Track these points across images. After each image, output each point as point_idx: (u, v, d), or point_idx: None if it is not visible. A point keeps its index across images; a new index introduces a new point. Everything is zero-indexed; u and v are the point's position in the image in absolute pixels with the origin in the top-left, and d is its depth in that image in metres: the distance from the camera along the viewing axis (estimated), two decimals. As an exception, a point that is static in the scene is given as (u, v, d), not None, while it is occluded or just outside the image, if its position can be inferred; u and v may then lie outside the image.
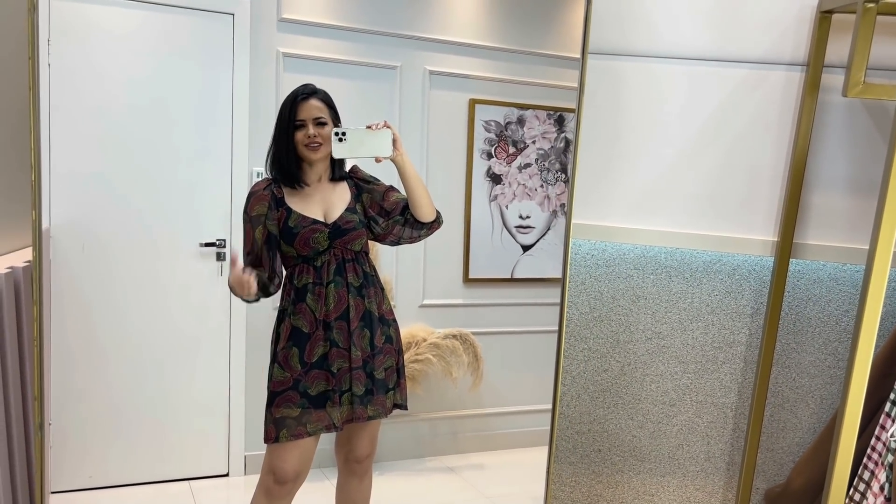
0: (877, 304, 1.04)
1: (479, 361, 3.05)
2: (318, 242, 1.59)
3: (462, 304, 3.20)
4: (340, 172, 1.68)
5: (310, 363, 1.58)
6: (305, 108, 1.59)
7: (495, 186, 3.21)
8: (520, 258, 3.27)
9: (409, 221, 1.67)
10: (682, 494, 1.63)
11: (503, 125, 3.19)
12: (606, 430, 1.62)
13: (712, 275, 1.55)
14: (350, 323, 1.59)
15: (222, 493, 2.71)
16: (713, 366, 1.59)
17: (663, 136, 1.50)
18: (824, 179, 1.49)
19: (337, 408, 1.59)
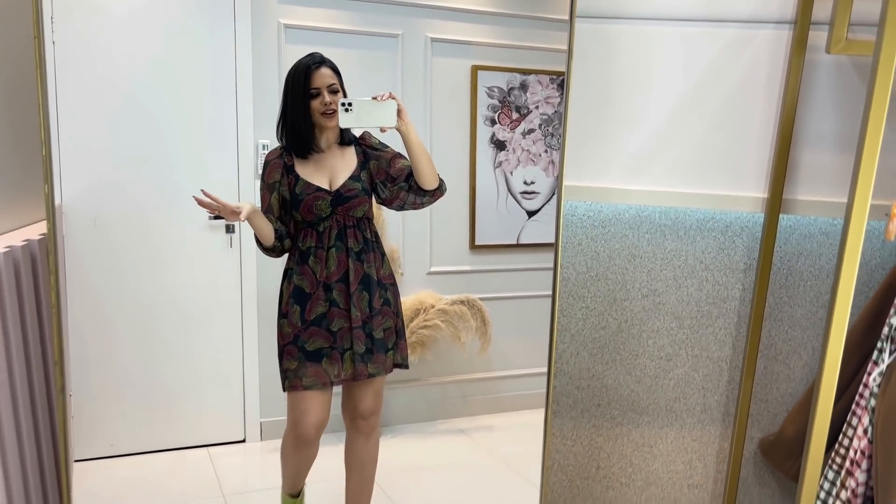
0: (854, 254, 1.10)
1: (486, 326, 3.13)
2: (321, 209, 1.70)
3: (469, 271, 3.27)
4: (349, 136, 1.78)
5: (309, 321, 1.71)
6: (319, 77, 1.68)
7: (499, 153, 3.25)
8: (525, 224, 3.32)
9: (413, 188, 1.76)
10: (679, 445, 1.71)
11: (506, 91, 3.23)
12: (605, 385, 1.69)
13: (706, 232, 1.61)
14: (349, 286, 1.71)
15: (240, 458, 2.82)
16: (708, 321, 1.65)
17: (655, 97, 1.54)
18: (813, 136, 1.53)
19: (336, 365, 1.72)
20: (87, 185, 2.57)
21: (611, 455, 1.72)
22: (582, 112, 1.54)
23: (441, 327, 3.15)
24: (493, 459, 2.87)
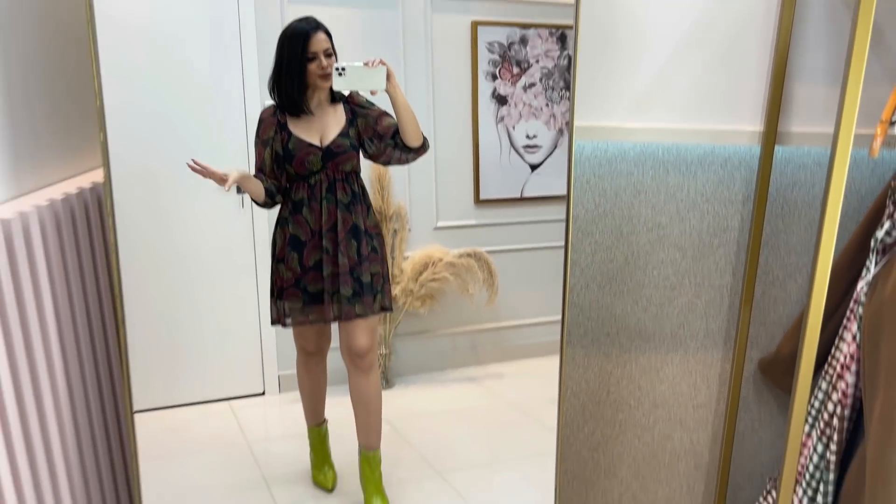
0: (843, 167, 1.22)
1: (493, 277, 3.25)
2: (313, 164, 1.87)
3: (475, 225, 3.37)
4: (337, 94, 1.94)
5: (308, 266, 1.92)
6: (316, 42, 1.84)
7: (501, 108, 3.34)
8: (528, 177, 3.42)
9: (398, 145, 1.95)
10: (684, 368, 1.86)
11: (506, 46, 3.30)
12: (614, 315, 1.83)
13: (706, 166, 1.73)
14: (338, 234, 1.91)
15: (260, 409, 2.96)
16: (709, 250, 1.79)
17: (657, 38, 1.65)
18: (806, 70, 1.64)
19: (330, 306, 1.95)
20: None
21: (620, 380, 1.87)
22: (588, 56, 1.65)
23: (449, 280, 3.27)
24: (504, 404, 3.01)
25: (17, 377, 1.23)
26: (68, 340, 1.40)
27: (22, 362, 1.24)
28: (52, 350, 1.33)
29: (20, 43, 1.37)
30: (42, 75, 1.46)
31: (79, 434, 1.46)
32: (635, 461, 1.92)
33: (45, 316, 1.31)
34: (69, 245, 1.40)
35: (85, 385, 1.50)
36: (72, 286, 1.42)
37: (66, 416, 1.39)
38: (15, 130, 1.32)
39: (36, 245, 1.27)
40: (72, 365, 1.42)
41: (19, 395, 1.23)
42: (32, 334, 1.27)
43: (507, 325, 3.53)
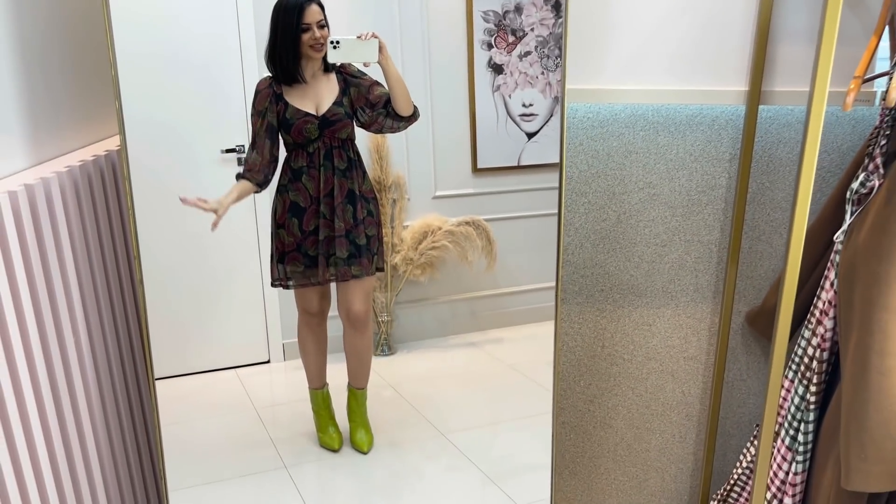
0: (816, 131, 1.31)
1: (492, 245, 3.34)
2: (310, 132, 1.98)
3: (472, 194, 3.46)
4: (330, 66, 2.05)
5: (307, 231, 2.05)
6: (310, 13, 1.94)
7: (497, 77, 3.41)
8: (525, 146, 3.50)
9: (390, 114, 2.07)
10: (675, 322, 1.96)
11: (501, 14, 3.36)
12: (607, 272, 1.93)
13: (694, 126, 1.82)
14: (335, 199, 2.03)
15: (265, 377, 3.07)
16: (698, 208, 1.88)
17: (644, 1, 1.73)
18: (788, 31, 1.72)
19: (326, 268, 2.08)
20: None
21: (614, 335, 1.97)
22: (578, 18, 1.72)
23: (448, 248, 3.36)
24: (504, 367, 3.12)
25: (45, 336, 1.32)
26: (90, 301, 1.50)
27: (49, 322, 1.33)
28: (75, 310, 1.43)
29: (38, 16, 1.45)
30: (59, 47, 1.55)
31: (102, 394, 1.56)
32: (629, 412, 2.03)
33: (68, 278, 1.40)
34: (87, 209, 1.49)
35: (106, 345, 1.60)
36: (91, 247, 1.51)
37: (90, 375, 1.49)
38: (34, 102, 1.41)
39: (57, 209, 1.36)
40: (94, 325, 1.52)
41: (47, 354, 1.33)
42: (57, 295, 1.36)
43: (505, 292, 3.63)
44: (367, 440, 2.30)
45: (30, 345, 1.28)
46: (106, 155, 1.59)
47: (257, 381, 2.99)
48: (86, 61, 1.69)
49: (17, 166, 1.36)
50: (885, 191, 1.40)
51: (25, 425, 1.25)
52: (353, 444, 2.33)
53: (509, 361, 3.11)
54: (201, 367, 3.05)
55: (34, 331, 1.29)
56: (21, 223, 1.26)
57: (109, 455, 1.59)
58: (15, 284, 1.24)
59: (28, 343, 1.27)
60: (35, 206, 1.30)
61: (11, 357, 1.22)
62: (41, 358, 1.31)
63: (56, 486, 1.34)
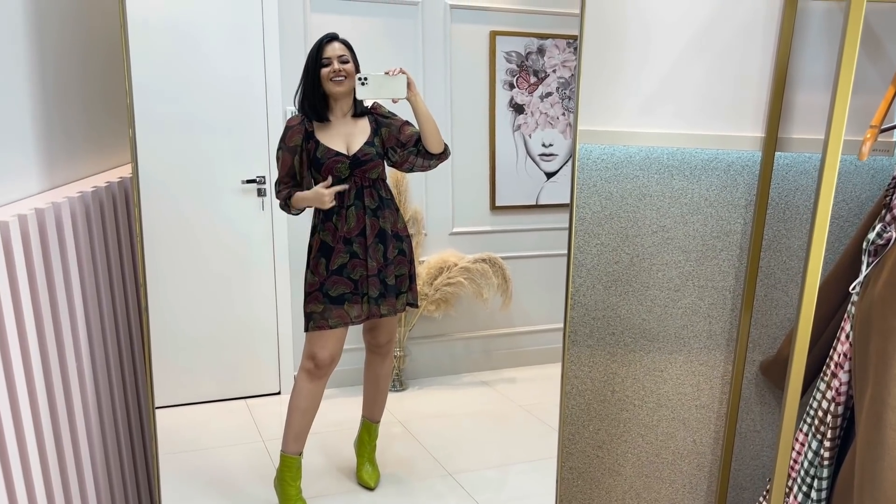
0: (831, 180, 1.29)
1: (507, 283, 3.32)
2: (341, 171, 1.98)
3: (490, 231, 3.44)
4: (361, 108, 2.06)
5: (332, 270, 2.02)
6: (330, 49, 1.99)
7: (518, 116, 3.42)
8: (544, 185, 3.49)
9: (420, 152, 2.06)
10: (687, 369, 1.91)
11: (524, 55, 3.38)
12: (619, 315, 1.89)
13: (710, 171, 1.80)
14: (367, 239, 2.01)
15: (276, 408, 3.04)
16: (712, 253, 1.84)
17: (662, 44, 1.73)
18: (806, 78, 1.71)
19: (356, 307, 2.04)
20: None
21: (625, 379, 1.93)
22: (595, 61, 1.72)
23: (464, 284, 3.34)
24: (517, 408, 3.06)
25: (47, 360, 1.32)
26: (94, 326, 1.50)
27: (51, 345, 1.33)
28: (79, 334, 1.43)
29: (56, 46, 1.49)
30: (75, 76, 1.58)
31: (102, 420, 1.55)
32: (639, 460, 1.97)
33: (73, 300, 1.41)
34: (97, 234, 1.50)
35: (109, 370, 1.60)
36: (99, 272, 1.52)
37: (90, 401, 1.49)
38: (50, 128, 1.43)
39: (67, 233, 1.37)
40: (97, 350, 1.52)
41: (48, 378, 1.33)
42: (62, 318, 1.37)
43: (520, 331, 3.59)
44: (374, 475, 2.28)
45: (31, 370, 1.28)
46: (119, 182, 1.61)
47: (267, 413, 2.97)
48: (104, 89, 1.73)
49: (30, 190, 1.38)
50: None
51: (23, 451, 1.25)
52: (360, 480, 2.29)
53: (522, 402, 3.06)
54: (211, 395, 3.04)
55: (37, 356, 1.29)
56: (29, 246, 1.27)
57: (106, 482, 1.57)
58: (20, 308, 1.24)
59: (30, 368, 1.27)
60: (44, 230, 1.31)
61: (11, 381, 1.22)
62: (42, 382, 1.31)
63: (49, 512, 1.33)
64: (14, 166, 1.33)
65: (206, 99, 2.83)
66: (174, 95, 2.79)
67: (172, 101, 2.78)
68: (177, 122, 2.81)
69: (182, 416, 2.88)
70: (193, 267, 2.90)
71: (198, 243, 2.90)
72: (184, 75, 2.80)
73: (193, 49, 2.78)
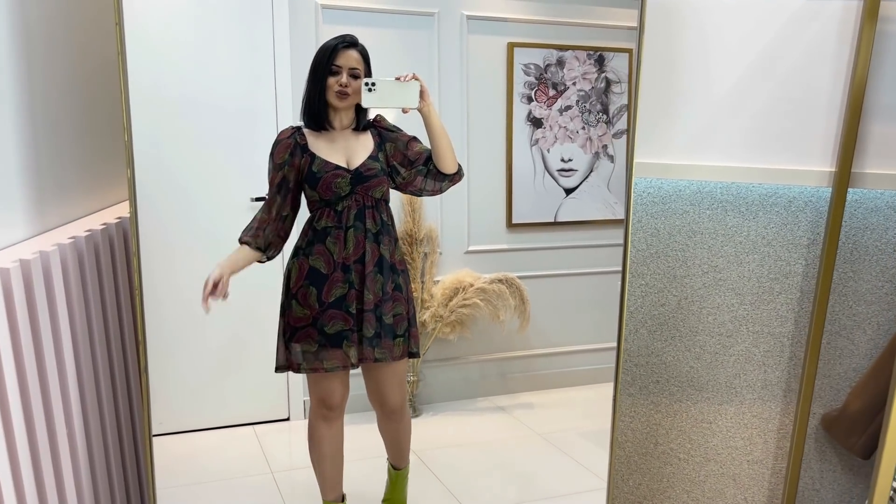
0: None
1: (525, 304, 3.13)
2: (340, 187, 1.67)
3: (507, 249, 3.27)
4: (364, 122, 1.75)
5: (327, 303, 1.67)
6: (344, 56, 1.66)
7: (536, 130, 3.24)
8: (563, 201, 3.31)
9: (431, 172, 1.76)
10: (739, 421, 1.71)
11: (542, 68, 3.20)
12: (664, 362, 1.70)
13: (768, 207, 1.60)
14: (365, 266, 1.69)
15: (284, 435, 2.87)
16: (769, 296, 1.65)
17: (718, 70, 1.53)
18: (884, 109, 1.51)
19: (354, 346, 1.70)
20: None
21: (669, 431, 1.73)
22: (649, 87, 1.52)
23: (480, 306, 3.16)
24: (535, 436, 2.89)
25: (32, 428, 1.13)
26: (87, 382, 1.30)
27: (37, 405, 1.14)
28: (69, 392, 1.24)
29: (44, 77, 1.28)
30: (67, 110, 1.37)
31: (96, 489, 1.36)
32: (683, 517, 1.78)
33: (63, 356, 1.21)
34: (92, 280, 1.30)
35: (104, 427, 1.40)
36: (93, 323, 1.32)
37: (83, 471, 1.29)
38: (40, 168, 1.23)
39: (56, 284, 1.17)
40: (90, 407, 1.32)
41: (34, 446, 1.14)
42: (49, 379, 1.17)
43: (538, 354, 3.40)
44: None
45: (12, 432, 1.08)
46: (117, 223, 1.40)
47: (275, 441, 2.79)
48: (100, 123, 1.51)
49: (16, 237, 1.18)
50: None
51: None
52: None
53: (540, 430, 2.88)
54: (218, 422, 2.86)
55: (20, 423, 1.10)
56: (12, 304, 1.07)
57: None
58: (1, 373, 1.05)
59: (11, 430, 1.08)
60: (30, 284, 1.12)
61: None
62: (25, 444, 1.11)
63: None
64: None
65: (215, 116, 2.65)
66: (183, 111, 2.61)
67: (181, 117, 2.60)
68: (185, 138, 2.63)
69: (186, 443, 2.70)
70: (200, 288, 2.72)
71: (204, 264, 2.72)
72: (193, 90, 2.61)
73: (202, 63, 2.60)
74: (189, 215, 2.65)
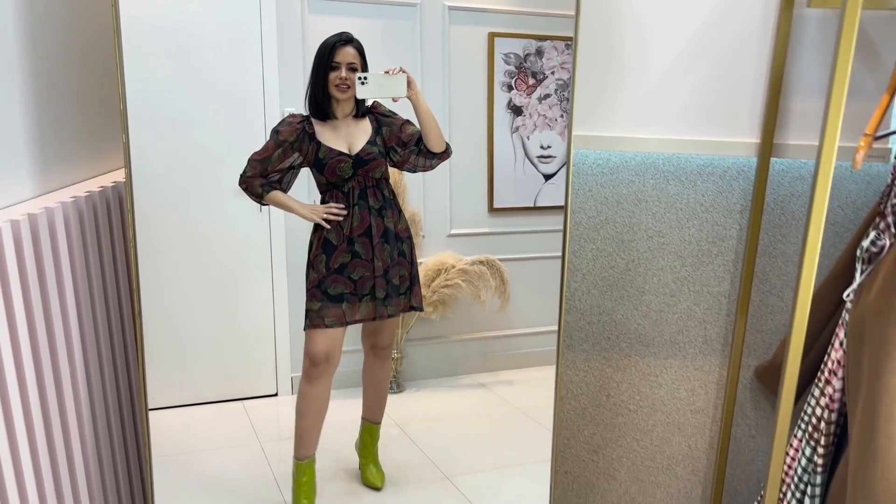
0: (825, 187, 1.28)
1: (505, 285, 3.31)
2: (344, 171, 1.97)
3: (488, 233, 3.43)
4: (363, 109, 2.05)
5: (332, 268, 2.01)
6: (342, 53, 1.97)
7: (516, 118, 3.41)
8: (542, 187, 3.48)
9: (422, 151, 2.08)
10: (682, 374, 1.91)
11: (522, 57, 3.37)
12: (614, 320, 1.89)
13: (705, 177, 1.79)
14: (372, 239, 2.02)
15: (272, 410, 3.04)
16: (708, 258, 1.84)
17: (657, 51, 1.73)
18: (801, 85, 1.70)
19: (354, 307, 2.03)
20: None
21: (620, 384, 1.93)
22: (590, 67, 1.72)
23: (462, 286, 3.33)
24: (514, 411, 3.05)
25: (40, 366, 1.32)
26: (88, 329, 1.50)
27: (44, 350, 1.33)
28: (72, 339, 1.43)
29: (49, 50, 1.48)
30: (69, 80, 1.58)
31: (95, 422, 1.55)
32: (634, 464, 1.97)
33: (66, 304, 1.41)
34: (91, 238, 1.50)
35: (103, 376, 1.60)
36: (92, 278, 1.52)
37: (84, 404, 1.49)
38: (43, 132, 1.43)
39: (60, 239, 1.37)
40: (90, 354, 1.52)
41: (41, 383, 1.33)
42: (55, 322, 1.37)
43: (518, 333, 3.58)
44: (380, 476, 2.29)
45: (24, 375, 1.28)
46: (113, 186, 1.61)
47: (264, 415, 2.96)
48: (98, 93, 1.72)
49: (23, 195, 1.38)
50: (895, 251, 1.36)
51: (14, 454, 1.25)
52: (366, 481, 2.29)
53: (519, 405, 3.05)
54: (208, 397, 3.03)
55: (29, 361, 1.29)
56: (22, 252, 1.27)
57: (99, 484, 1.57)
58: (12, 312, 1.24)
59: (22, 373, 1.27)
60: (37, 236, 1.31)
61: (3, 386, 1.22)
62: (35, 387, 1.31)
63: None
64: (7, 171, 1.33)
65: (203, 100, 2.82)
66: (171, 96, 2.78)
67: (169, 102, 2.77)
68: (173, 124, 2.80)
69: (178, 417, 2.87)
70: (190, 269, 2.89)
71: (194, 246, 2.89)
72: (180, 76, 2.78)
73: (190, 49, 2.77)
74: (174, 203, 2.80)
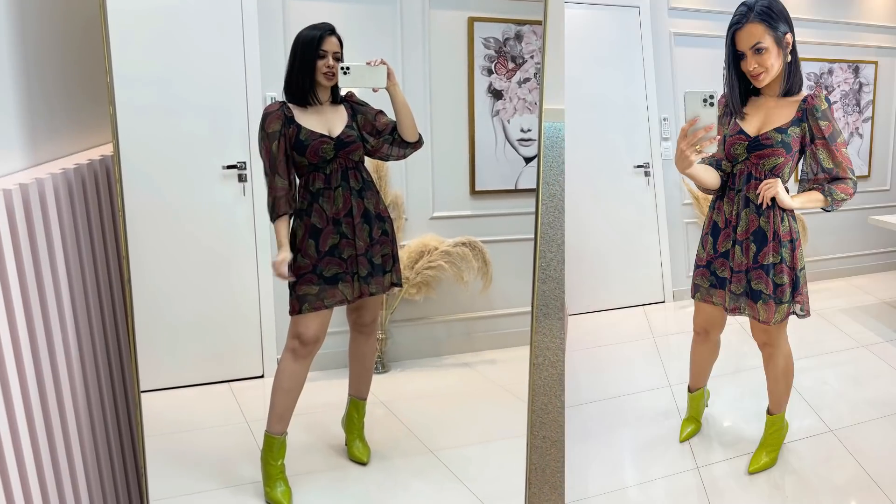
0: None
1: (487, 266, 3.38)
2: (326, 153, 2.06)
3: (470, 215, 3.50)
4: (339, 97, 2.15)
5: (324, 251, 2.09)
6: (329, 42, 2.07)
7: (496, 102, 3.47)
8: (523, 169, 3.55)
9: (395, 140, 2.20)
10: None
11: (502, 41, 3.44)
12: (589, 288, 1.97)
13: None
14: (354, 219, 2.10)
15: (259, 391, 3.09)
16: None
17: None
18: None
19: (349, 285, 2.12)
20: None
21: (595, 350, 2.01)
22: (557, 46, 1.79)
23: (445, 268, 3.40)
24: (497, 388, 3.13)
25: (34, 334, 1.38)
26: (79, 301, 1.57)
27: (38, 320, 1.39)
28: (64, 309, 1.49)
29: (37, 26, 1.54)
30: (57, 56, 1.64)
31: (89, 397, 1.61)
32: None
33: (58, 274, 1.47)
34: (80, 209, 1.57)
35: (94, 345, 1.66)
36: (82, 246, 1.58)
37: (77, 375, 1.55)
38: (32, 106, 1.49)
39: (51, 208, 1.43)
40: (82, 326, 1.58)
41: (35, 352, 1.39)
42: (47, 292, 1.43)
43: (500, 313, 3.64)
44: (365, 451, 2.37)
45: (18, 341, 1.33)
46: (101, 159, 1.67)
47: (250, 396, 3.01)
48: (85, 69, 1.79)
49: (14, 167, 1.44)
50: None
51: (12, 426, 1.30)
52: (352, 456, 2.37)
53: (502, 382, 3.12)
54: (195, 379, 3.07)
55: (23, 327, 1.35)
56: (14, 221, 1.33)
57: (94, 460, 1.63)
58: (6, 280, 1.30)
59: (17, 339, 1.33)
60: (29, 205, 1.37)
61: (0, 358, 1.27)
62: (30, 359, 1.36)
63: (41, 490, 1.38)
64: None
65: (186, 83, 2.85)
66: (153, 79, 2.81)
67: (151, 85, 2.80)
68: (156, 107, 2.82)
69: (166, 399, 2.92)
70: (175, 252, 2.92)
71: (179, 228, 2.93)
72: (162, 59, 2.81)
73: (172, 33, 2.79)
74: (158, 187, 2.81)
